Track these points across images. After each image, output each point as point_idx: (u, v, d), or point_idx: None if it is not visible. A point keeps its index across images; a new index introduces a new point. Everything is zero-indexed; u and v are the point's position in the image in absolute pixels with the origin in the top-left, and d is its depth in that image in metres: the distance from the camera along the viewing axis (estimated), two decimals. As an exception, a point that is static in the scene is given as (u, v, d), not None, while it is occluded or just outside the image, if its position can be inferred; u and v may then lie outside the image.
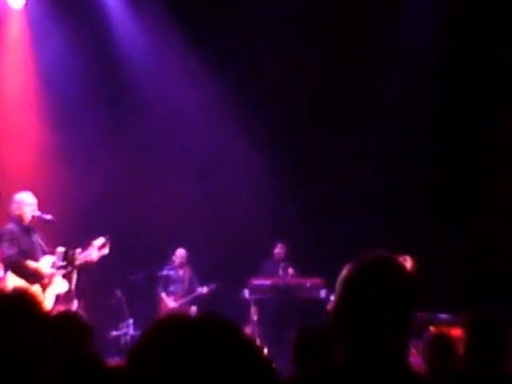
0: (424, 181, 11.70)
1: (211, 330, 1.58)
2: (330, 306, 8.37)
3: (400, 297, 2.25)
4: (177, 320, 1.63)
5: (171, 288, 11.49)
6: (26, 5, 11.23)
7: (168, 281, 11.47)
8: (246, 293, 10.91)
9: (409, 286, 2.28)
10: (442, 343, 5.03)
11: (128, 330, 10.58)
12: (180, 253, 11.53)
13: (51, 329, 2.66)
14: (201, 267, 11.51)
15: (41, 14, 11.34)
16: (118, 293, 10.86)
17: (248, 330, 10.73)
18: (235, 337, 1.60)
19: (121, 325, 10.67)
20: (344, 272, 2.32)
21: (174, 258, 11.53)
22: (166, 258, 11.58)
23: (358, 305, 2.25)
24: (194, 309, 11.17)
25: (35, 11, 11.33)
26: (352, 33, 11.30)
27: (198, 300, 11.39)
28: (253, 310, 10.82)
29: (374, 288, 2.25)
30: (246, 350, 1.60)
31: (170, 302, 11.40)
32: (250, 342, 1.65)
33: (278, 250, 11.57)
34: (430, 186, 11.71)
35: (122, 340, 10.50)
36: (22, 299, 2.59)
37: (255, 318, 10.78)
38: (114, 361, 9.23)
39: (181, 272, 11.53)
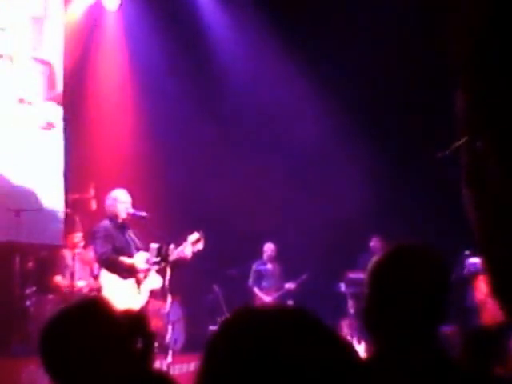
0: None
1: (293, 322, 1.50)
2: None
3: (423, 285, 2.26)
4: (257, 313, 1.55)
5: (263, 283, 11.53)
6: (121, 6, 11.49)
7: (260, 276, 11.53)
8: (342, 286, 10.85)
9: (433, 273, 2.29)
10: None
11: (225, 324, 10.60)
12: (268, 247, 11.56)
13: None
14: (295, 261, 11.49)
15: (135, 15, 11.58)
16: (216, 288, 10.95)
17: (345, 323, 10.67)
18: (319, 331, 1.50)
19: (218, 319, 10.74)
20: (372, 263, 2.34)
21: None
22: (262, 252, 11.63)
23: (382, 295, 2.27)
24: (290, 303, 11.16)
25: (130, 12, 11.59)
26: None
27: (294, 294, 11.38)
28: (350, 303, 10.74)
29: (395, 277, 2.28)
30: (331, 343, 1.51)
31: (265, 297, 11.44)
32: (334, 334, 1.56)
33: (374, 243, 11.43)
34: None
35: (220, 334, 10.56)
36: (93, 304, 2.63)
37: (352, 311, 10.70)
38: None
39: (270, 266, 11.55)
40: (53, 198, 10.22)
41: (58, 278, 9.47)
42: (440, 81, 10.37)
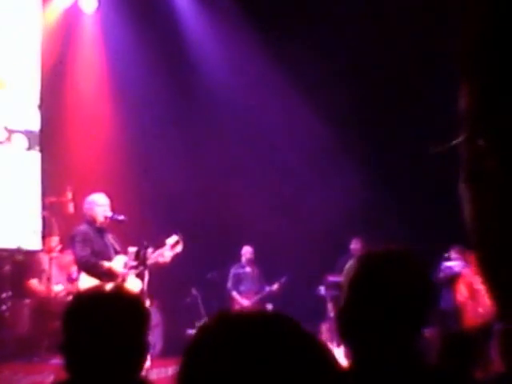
0: None
1: (274, 326, 1.49)
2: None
3: (410, 293, 2.16)
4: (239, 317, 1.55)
5: (242, 287, 11.53)
6: (98, 9, 11.45)
7: (238, 279, 11.52)
8: (322, 289, 10.84)
9: (418, 281, 2.19)
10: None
11: (204, 328, 10.57)
12: (246, 250, 11.56)
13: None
14: (274, 264, 11.47)
15: (112, 18, 11.55)
16: (194, 291, 10.93)
17: (325, 326, 10.65)
18: (299, 335, 1.50)
19: (197, 323, 10.70)
20: (349, 268, 2.21)
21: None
22: (240, 255, 11.61)
23: (365, 303, 2.16)
24: (269, 306, 11.16)
25: (107, 15, 11.56)
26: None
27: (273, 297, 11.37)
28: (329, 306, 10.72)
29: (382, 284, 2.16)
30: (310, 348, 1.49)
31: (243, 301, 11.42)
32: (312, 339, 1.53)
33: (354, 245, 11.44)
34: None
35: (199, 338, 10.52)
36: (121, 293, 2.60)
37: (332, 314, 10.67)
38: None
39: (248, 270, 11.56)
40: (29, 201, 10.11)
41: (34, 282, 9.38)
42: (432, 90, 10.52)
